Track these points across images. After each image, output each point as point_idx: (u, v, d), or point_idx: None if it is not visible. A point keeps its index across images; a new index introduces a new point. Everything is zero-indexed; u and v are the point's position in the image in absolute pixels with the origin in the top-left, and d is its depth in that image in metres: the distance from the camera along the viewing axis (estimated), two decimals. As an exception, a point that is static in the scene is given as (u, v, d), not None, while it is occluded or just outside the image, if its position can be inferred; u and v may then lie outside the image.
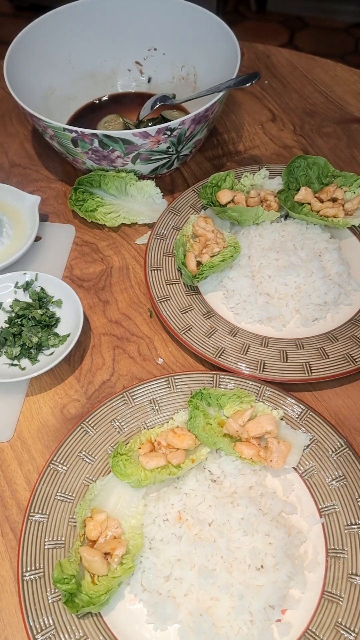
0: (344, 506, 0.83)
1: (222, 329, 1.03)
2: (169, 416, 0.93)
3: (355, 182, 1.17)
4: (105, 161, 1.17)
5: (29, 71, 1.28)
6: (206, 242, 1.09)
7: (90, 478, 0.87)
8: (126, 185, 1.18)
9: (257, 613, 0.75)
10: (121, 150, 1.12)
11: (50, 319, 1.05)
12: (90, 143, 1.11)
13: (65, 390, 1.01)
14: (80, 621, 0.76)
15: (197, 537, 0.80)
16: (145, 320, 1.10)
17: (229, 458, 0.86)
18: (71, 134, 1.10)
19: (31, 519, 0.83)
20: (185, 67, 1.40)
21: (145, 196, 1.20)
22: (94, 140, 1.10)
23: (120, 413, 0.93)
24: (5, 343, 1.02)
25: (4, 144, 1.41)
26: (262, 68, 1.57)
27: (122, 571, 0.77)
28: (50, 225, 1.24)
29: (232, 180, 1.20)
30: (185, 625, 0.75)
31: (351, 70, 1.56)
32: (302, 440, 0.88)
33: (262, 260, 1.09)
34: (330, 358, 0.98)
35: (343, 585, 0.77)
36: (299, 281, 1.06)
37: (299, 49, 3.01)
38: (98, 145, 1.12)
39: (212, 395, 0.91)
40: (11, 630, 0.79)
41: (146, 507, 0.84)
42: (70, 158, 1.21)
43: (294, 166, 1.18)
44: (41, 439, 0.95)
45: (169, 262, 1.12)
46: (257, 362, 0.98)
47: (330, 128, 1.41)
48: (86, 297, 1.13)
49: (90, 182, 1.19)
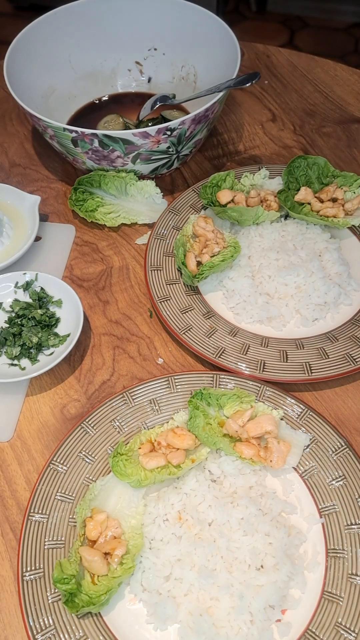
0: (344, 506, 0.83)
1: (222, 329, 1.03)
2: (169, 416, 0.93)
3: (355, 182, 1.17)
4: (105, 161, 1.17)
5: (29, 71, 1.28)
6: (206, 242, 1.09)
7: (90, 478, 0.87)
8: (126, 185, 1.18)
9: (257, 613, 0.75)
10: (121, 150, 1.12)
11: (50, 319, 1.05)
12: (90, 143, 1.11)
13: (65, 390, 1.01)
14: (80, 621, 0.76)
15: (197, 537, 0.80)
16: (145, 320, 1.10)
17: (229, 458, 0.86)
18: (71, 134, 1.10)
19: (31, 519, 0.83)
20: (185, 67, 1.40)
21: (145, 196, 1.20)
22: (94, 140, 1.10)
23: (120, 413, 0.93)
24: (5, 343, 1.02)
25: (4, 144, 1.41)
26: (262, 68, 1.57)
27: (122, 571, 0.77)
28: (50, 225, 1.24)
29: (232, 180, 1.20)
30: (185, 625, 0.75)
31: (351, 70, 1.56)
32: (302, 440, 0.88)
33: (262, 260, 1.09)
34: (330, 358, 0.98)
35: (343, 585, 0.77)
36: (299, 281, 1.06)
37: (299, 49, 3.01)
38: (98, 145, 1.12)
39: (212, 395, 0.91)
40: (11, 630, 0.79)
41: (146, 507, 0.84)
42: (70, 158, 1.21)
43: (294, 166, 1.18)
44: (41, 439, 0.95)
45: (169, 262, 1.12)
46: (257, 362, 0.98)
47: (330, 128, 1.41)
48: (86, 297, 1.13)
49: (90, 182, 1.19)
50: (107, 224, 1.20)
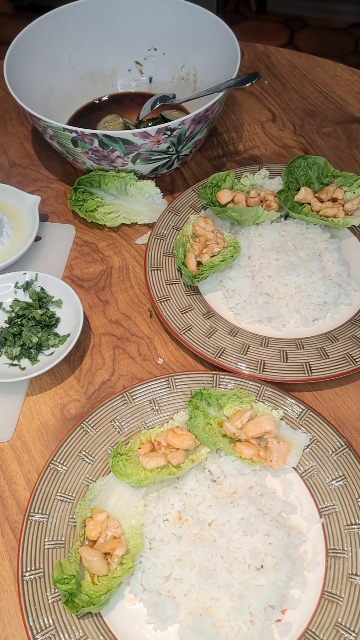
0: (344, 506, 0.83)
1: (222, 329, 1.03)
2: (169, 416, 0.93)
3: (355, 182, 1.17)
4: (105, 161, 1.17)
5: (29, 71, 1.28)
6: (206, 242, 1.09)
7: (90, 478, 0.87)
8: (126, 185, 1.18)
9: (257, 613, 0.75)
10: (121, 150, 1.12)
11: (50, 319, 1.05)
12: (90, 143, 1.11)
13: (65, 390, 1.01)
14: (80, 621, 0.76)
15: (197, 537, 0.80)
16: (145, 320, 1.10)
17: (228, 458, 0.86)
18: (71, 134, 1.10)
19: (31, 519, 0.83)
20: (185, 67, 1.40)
21: (145, 196, 1.20)
22: (94, 140, 1.10)
23: (120, 413, 0.93)
24: (5, 343, 1.02)
25: (4, 144, 1.41)
26: (262, 68, 1.57)
27: (122, 571, 0.77)
28: (50, 225, 1.24)
29: (232, 180, 1.20)
30: (185, 625, 0.75)
31: (351, 70, 1.56)
32: (302, 440, 0.88)
33: (262, 260, 1.09)
34: (330, 358, 0.98)
35: (343, 585, 0.77)
36: (299, 281, 1.06)
37: (299, 49, 3.01)
38: (98, 145, 1.11)
39: (212, 395, 0.91)
40: (11, 630, 0.79)
41: (146, 507, 0.84)
42: (70, 158, 1.21)
43: (294, 166, 1.18)
44: (41, 439, 0.95)
45: (169, 262, 1.12)
46: (257, 362, 0.98)
47: (330, 128, 1.41)
48: (86, 297, 1.13)
49: (90, 182, 1.19)
50: (107, 224, 1.20)
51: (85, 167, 1.23)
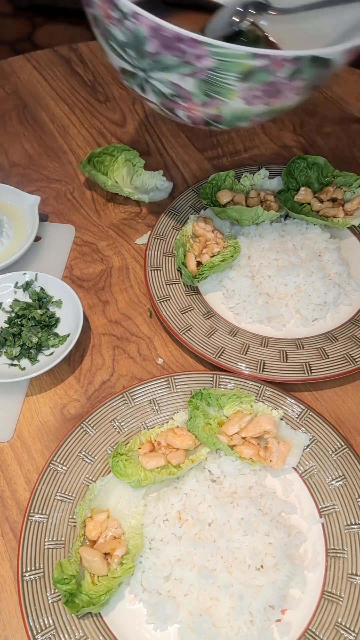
0: (344, 506, 0.83)
1: (222, 329, 1.03)
2: (168, 416, 0.93)
3: (355, 182, 1.17)
4: (274, 98, 0.80)
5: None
6: (206, 242, 1.09)
7: (90, 478, 0.87)
8: (133, 175, 1.19)
9: (257, 613, 0.75)
10: (313, 76, 0.77)
11: (50, 319, 1.05)
12: (275, 73, 0.74)
13: (65, 390, 1.01)
14: (80, 621, 0.76)
15: (197, 537, 0.80)
16: (145, 320, 1.10)
17: (228, 458, 0.86)
18: (254, 60, 0.72)
19: (31, 519, 0.83)
20: None
21: (149, 187, 1.22)
22: (289, 66, 0.73)
23: (120, 413, 0.93)
24: (5, 343, 1.02)
25: (4, 144, 1.41)
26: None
27: (122, 571, 0.77)
28: (50, 225, 1.24)
29: (232, 180, 1.20)
30: (185, 625, 0.75)
31: (351, 70, 1.56)
32: (302, 440, 0.88)
33: (262, 260, 1.09)
34: (330, 358, 0.98)
35: (343, 585, 0.77)
36: (299, 281, 1.06)
37: (299, 49, 3.00)
38: (286, 76, 0.75)
39: (212, 396, 0.91)
40: (11, 630, 0.79)
41: (146, 507, 0.84)
42: (199, 101, 0.79)
43: (293, 166, 1.19)
44: (41, 439, 0.95)
45: (169, 262, 1.12)
46: (257, 362, 0.98)
47: (330, 128, 1.41)
48: (86, 297, 1.13)
49: (100, 163, 1.21)
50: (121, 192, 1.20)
51: (207, 117, 0.83)
